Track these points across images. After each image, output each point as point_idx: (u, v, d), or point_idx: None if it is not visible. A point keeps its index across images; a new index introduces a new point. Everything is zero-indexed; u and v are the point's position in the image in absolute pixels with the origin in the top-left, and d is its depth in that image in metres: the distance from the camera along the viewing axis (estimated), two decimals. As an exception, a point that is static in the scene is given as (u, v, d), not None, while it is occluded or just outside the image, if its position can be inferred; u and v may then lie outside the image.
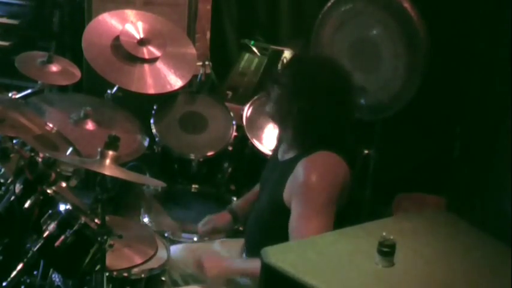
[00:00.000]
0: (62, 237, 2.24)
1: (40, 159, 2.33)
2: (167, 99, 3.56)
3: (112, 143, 2.21)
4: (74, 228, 2.25)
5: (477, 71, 3.49)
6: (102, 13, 3.57)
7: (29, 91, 3.25)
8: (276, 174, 2.55)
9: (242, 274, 2.54)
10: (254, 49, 3.90)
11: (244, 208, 2.86)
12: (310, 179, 2.38)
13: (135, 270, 2.52)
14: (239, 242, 2.76)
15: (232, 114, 3.57)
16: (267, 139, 3.43)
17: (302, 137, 2.51)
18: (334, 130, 2.50)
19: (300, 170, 2.41)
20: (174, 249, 2.78)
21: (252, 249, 2.61)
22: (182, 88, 3.53)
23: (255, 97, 3.63)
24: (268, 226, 2.55)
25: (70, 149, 2.75)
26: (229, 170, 3.51)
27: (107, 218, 2.23)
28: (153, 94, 3.42)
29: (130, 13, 3.59)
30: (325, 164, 2.43)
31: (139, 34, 3.47)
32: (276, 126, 2.68)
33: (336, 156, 2.44)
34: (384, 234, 1.92)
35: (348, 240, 2.08)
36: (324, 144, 2.45)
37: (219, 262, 2.59)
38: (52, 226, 2.25)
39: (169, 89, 3.44)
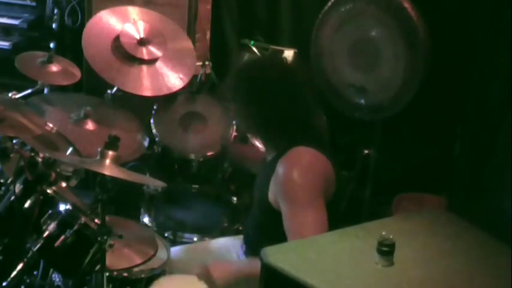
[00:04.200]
0: (62, 237, 2.24)
1: (40, 159, 2.33)
2: (167, 99, 3.56)
3: (112, 143, 2.21)
4: (74, 228, 2.25)
5: (477, 70, 3.49)
6: (102, 13, 3.57)
7: (29, 91, 3.25)
8: (262, 175, 2.57)
9: (250, 275, 2.53)
10: (254, 49, 3.89)
11: None
12: (290, 176, 2.38)
13: (135, 270, 2.52)
14: (238, 240, 2.76)
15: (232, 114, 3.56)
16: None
17: (272, 138, 2.55)
18: (298, 124, 2.50)
19: (279, 169, 2.41)
20: (175, 250, 2.79)
21: (249, 248, 2.64)
22: (182, 88, 3.52)
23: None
24: (260, 226, 2.57)
25: (70, 149, 2.75)
26: (229, 170, 3.51)
27: (107, 218, 2.23)
28: (152, 96, 3.41)
29: (132, 10, 3.57)
30: (303, 159, 2.43)
31: (139, 34, 3.47)
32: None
33: (312, 150, 2.44)
34: (384, 233, 1.92)
35: (348, 240, 2.08)
36: (299, 141, 2.46)
37: (226, 267, 2.55)
38: (52, 226, 2.25)
39: (167, 91, 3.43)
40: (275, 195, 2.43)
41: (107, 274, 2.33)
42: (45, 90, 3.53)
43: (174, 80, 3.46)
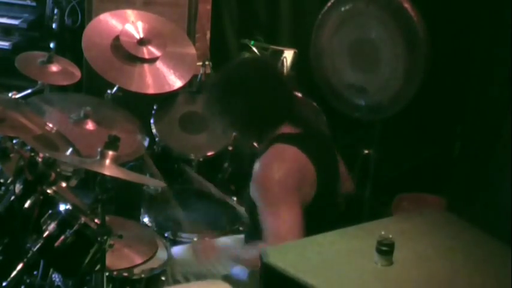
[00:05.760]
0: (62, 237, 2.24)
1: (40, 159, 2.33)
2: (167, 99, 3.56)
3: (112, 143, 2.21)
4: (74, 228, 2.25)
5: (477, 70, 3.49)
6: (102, 13, 3.57)
7: (29, 91, 3.25)
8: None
9: (236, 259, 2.54)
10: (254, 49, 3.90)
11: None
12: (262, 174, 2.38)
13: (135, 270, 2.52)
14: (238, 240, 2.76)
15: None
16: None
17: (257, 135, 2.54)
18: (278, 114, 2.48)
19: (256, 167, 2.42)
20: (175, 250, 2.79)
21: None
22: (182, 88, 3.53)
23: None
24: (256, 225, 2.56)
25: (70, 149, 2.75)
26: (229, 170, 3.51)
27: (107, 218, 2.23)
28: (153, 94, 3.42)
29: (130, 13, 3.59)
30: (276, 157, 2.40)
31: (139, 34, 3.47)
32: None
33: (291, 147, 2.41)
34: (383, 233, 1.92)
35: (348, 240, 2.08)
36: (282, 139, 2.44)
37: (212, 245, 2.62)
38: (52, 226, 2.25)
39: (168, 89, 3.44)
40: (252, 192, 2.43)
41: (107, 274, 2.33)
42: (45, 90, 3.53)
43: (175, 78, 3.46)
